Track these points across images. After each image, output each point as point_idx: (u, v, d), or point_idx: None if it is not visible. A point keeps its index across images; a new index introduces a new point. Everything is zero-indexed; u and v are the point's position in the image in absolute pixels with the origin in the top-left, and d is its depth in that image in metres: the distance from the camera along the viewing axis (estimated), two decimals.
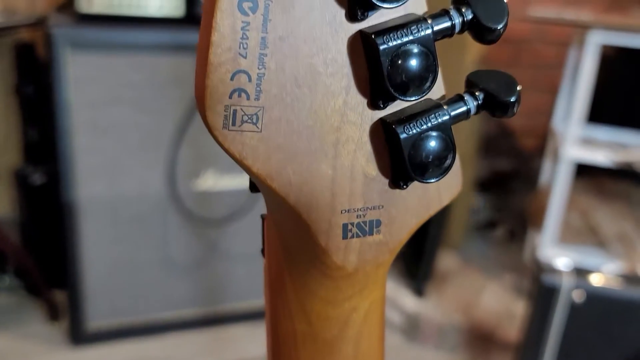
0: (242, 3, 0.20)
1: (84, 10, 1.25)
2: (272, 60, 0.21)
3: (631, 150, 1.51)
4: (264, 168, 0.22)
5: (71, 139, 1.24)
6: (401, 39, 0.21)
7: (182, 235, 1.38)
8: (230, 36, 0.20)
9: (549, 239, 1.54)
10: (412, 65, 0.21)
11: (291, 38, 0.21)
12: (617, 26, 1.42)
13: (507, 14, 0.22)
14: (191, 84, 1.03)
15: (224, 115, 0.21)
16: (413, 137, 0.22)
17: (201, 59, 0.21)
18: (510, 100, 0.23)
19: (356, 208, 0.24)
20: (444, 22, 0.22)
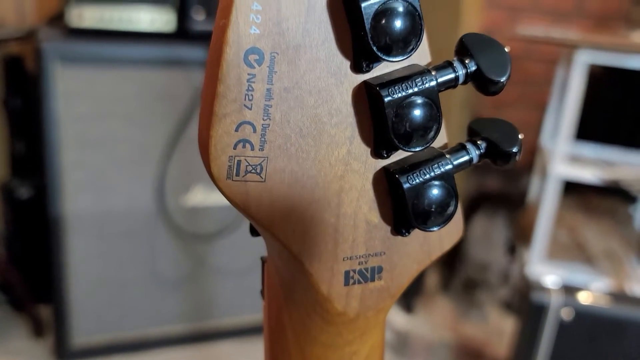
0: (249, 55, 0.20)
1: (75, 25, 1.24)
2: (277, 111, 0.21)
3: (618, 168, 1.53)
4: (267, 217, 0.22)
5: (59, 153, 1.23)
6: (406, 91, 0.21)
7: (170, 250, 1.37)
8: (235, 88, 0.20)
9: (537, 255, 1.55)
10: (416, 117, 0.21)
11: (296, 89, 0.21)
12: (605, 46, 1.44)
13: (510, 66, 0.22)
14: (180, 98, 1.03)
15: (228, 165, 0.21)
16: (416, 187, 0.22)
17: (206, 109, 0.21)
18: (512, 151, 0.23)
19: (358, 255, 0.24)
20: (447, 74, 0.22)
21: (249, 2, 0.20)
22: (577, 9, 1.96)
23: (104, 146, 1.26)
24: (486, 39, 0.23)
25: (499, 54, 0.23)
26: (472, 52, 0.22)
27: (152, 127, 1.29)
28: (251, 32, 0.20)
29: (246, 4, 0.20)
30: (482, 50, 0.22)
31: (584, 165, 1.54)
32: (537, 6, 1.94)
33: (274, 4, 0.20)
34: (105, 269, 1.33)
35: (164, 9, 1.29)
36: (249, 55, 0.20)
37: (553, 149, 1.52)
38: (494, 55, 0.23)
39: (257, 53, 0.20)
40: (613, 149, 1.69)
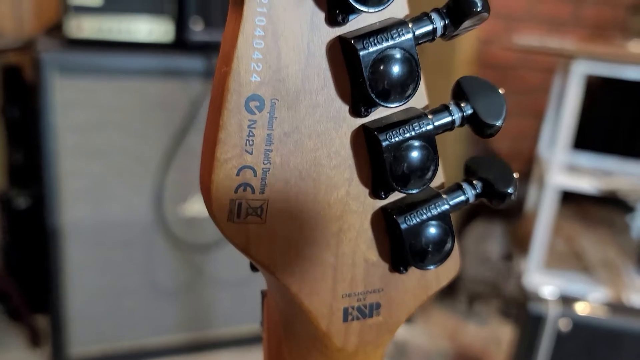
0: (249, 102, 0.20)
1: (73, 35, 1.24)
2: (277, 155, 0.21)
3: (615, 178, 1.53)
4: (267, 257, 0.22)
5: (57, 162, 1.23)
6: (403, 135, 0.21)
7: (168, 260, 1.37)
8: (237, 134, 0.20)
9: (535, 264, 1.55)
10: (413, 160, 0.22)
11: (296, 134, 0.21)
12: (601, 56, 1.45)
13: (506, 109, 0.22)
14: (178, 109, 1.04)
15: (229, 208, 0.21)
16: (413, 227, 0.23)
17: (207, 154, 0.21)
18: (507, 192, 0.23)
19: (357, 292, 0.24)
20: (444, 118, 0.22)
21: (250, 51, 0.20)
22: (573, 18, 1.97)
23: (102, 156, 1.27)
24: (482, 82, 0.23)
25: (494, 98, 0.23)
26: (468, 96, 0.23)
27: (150, 137, 1.29)
28: (252, 80, 0.20)
29: (247, 53, 0.20)
30: (478, 94, 0.23)
31: (582, 175, 1.54)
32: (534, 15, 1.95)
33: (275, 53, 0.20)
34: (103, 279, 1.33)
35: (162, 20, 1.29)
36: (250, 102, 0.20)
37: (550, 159, 1.53)
38: (490, 99, 0.23)
39: (257, 100, 0.20)
40: (610, 158, 1.70)
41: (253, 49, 0.20)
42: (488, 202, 0.24)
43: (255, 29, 0.20)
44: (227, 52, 0.20)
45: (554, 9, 1.95)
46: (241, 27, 0.20)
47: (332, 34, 0.21)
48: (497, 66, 1.94)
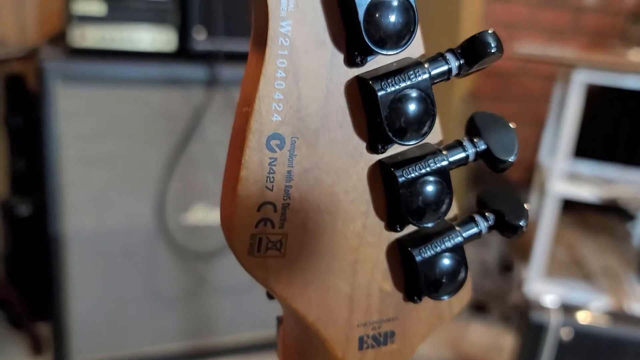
0: (270, 141, 0.21)
1: (76, 45, 1.25)
2: (296, 191, 0.22)
3: (616, 186, 1.54)
4: (286, 289, 0.23)
5: (60, 171, 1.24)
6: (419, 171, 0.22)
7: (170, 268, 1.37)
8: (258, 172, 0.21)
9: (536, 272, 1.56)
10: (428, 195, 0.22)
11: (315, 170, 0.22)
12: (602, 65, 1.45)
13: (517, 145, 0.23)
14: (181, 118, 1.04)
15: (249, 243, 0.21)
16: (428, 259, 0.23)
17: (228, 189, 0.22)
18: (519, 224, 0.24)
19: (372, 321, 0.25)
20: (458, 153, 0.23)
21: (272, 92, 0.20)
22: (573, 26, 1.98)
23: (104, 165, 1.27)
24: (495, 118, 0.24)
25: (506, 134, 0.24)
26: (481, 132, 0.23)
27: (153, 145, 1.30)
28: (273, 120, 0.21)
29: (269, 94, 0.20)
30: (490, 130, 0.23)
31: (582, 183, 1.55)
32: (534, 23, 1.96)
33: (295, 93, 0.21)
34: (105, 287, 1.33)
35: (165, 29, 1.30)
36: (271, 140, 0.21)
37: (551, 167, 1.54)
38: (502, 135, 0.23)
39: (278, 138, 0.21)
40: (611, 166, 1.71)
41: (274, 89, 0.20)
42: (500, 234, 0.25)
43: (277, 71, 0.20)
44: (249, 93, 0.21)
45: (554, 18, 1.96)
46: (263, 69, 0.20)
47: (351, 74, 0.22)
48: (498, 74, 1.94)
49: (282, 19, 0.20)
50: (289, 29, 0.20)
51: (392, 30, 0.20)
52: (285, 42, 0.20)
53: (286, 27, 0.20)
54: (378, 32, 0.20)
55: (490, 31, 0.22)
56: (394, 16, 0.20)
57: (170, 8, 1.30)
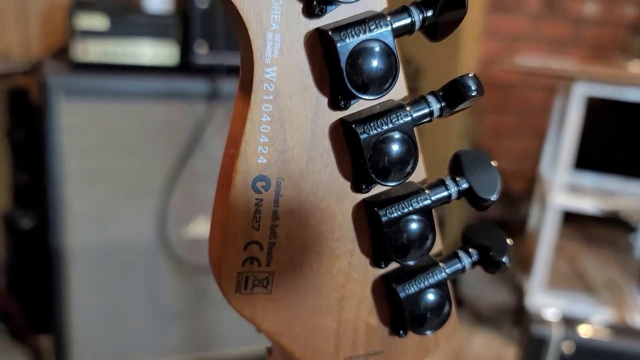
0: (256, 183, 0.21)
1: (80, 59, 1.26)
2: (283, 230, 0.22)
3: (617, 199, 1.54)
4: (273, 326, 0.23)
5: (62, 184, 1.24)
6: (402, 210, 0.22)
7: (171, 281, 1.37)
8: (244, 212, 0.21)
9: (538, 284, 1.56)
10: (412, 233, 0.23)
11: (301, 210, 0.22)
12: (602, 78, 1.46)
13: (500, 185, 0.23)
14: (182, 131, 1.05)
15: (237, 281, 0.22)
16: (412, 295, 0.24)
17: (216, 228, 0.22)
18: (502, 261, 0.24)
19: (358, 355, 0.25)
20: (440, 192, 0.23)
21: (257, 136, 0.21)
22: (574, 38, 1.99)
23: (106, 178, 1.28)
24: (478, 157, 0.24)
25: (489, 174, 0.24)
26: (464, 171, 0.24)
27: (154, 159, 1.30)
28: (259, 162, 0.21)
29: (254, 137, 0.21)
30: (473, 169, 0.24)
31: (584, 195, 1.55)
32: (535, 35, 1.97)
33: (280, 136, 0.21)
34: (106, 300, 1.33)
35: (167, 43, 1.31)
36: (257, 182, 0.21)
37: (552, 180, 1.54)
38: (485, 175, 0.24)
39: (264, 180, 0.21)
40: (612, 178, 1.71)
41: (260, 133, 0.21)
42: (484, 269, 0.25)
43: (262, 115, 0.21)
44: (236, 135, 0.21)
45: (555, 30, 1.97)
46: (249, 114, 0.21)
47: (335, 117, 0.22)
48: (499, 86, 1.95)
49: (267, 66, 0.21)
50: (274, 75, 0.21)
51: (374, 76, 0.21)
52: (270, 88, 0.21)
53: (271, 74, 0.21)
54: (360, 78, 0.20)
55: (471, 75, 0.22)
56: (376, 62, 0.20)
57: (172, 23, 1.31)
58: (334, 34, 0.20)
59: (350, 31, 0.20)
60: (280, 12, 0.20)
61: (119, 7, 1.35)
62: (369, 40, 0.20)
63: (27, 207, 1.50)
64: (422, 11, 0.22)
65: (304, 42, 0.21)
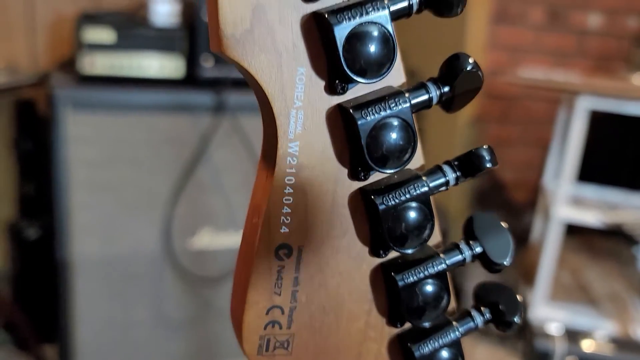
0: (279, 251, 0.22)
1: (86, 72, 1.27)
2: (303, 294, 0.23)
3: (621, 212, 1.54)
4: None
5: (68, 195, 1.25)
6: (418, 275, 0.23)
7: (176, 293, 1.38)
8: (267, 279, 0.22)
9: (540, 296, 1.56)
10: (428, 296, 0.23)
11: (321, 274, 0.23)
12: (606, 92, 1.46)
13: (513, 249, 0.24)
14: (188, 143, 1.05)
15: (259, 344, 0.23)
16: (427, 354, 0.24)
17: (238, 293, 0.23)
18: (514, 320, 0.25)
19: None
20: (455, 256, 0.24)
21: (280, 207, 0.22)
22: (578, 49, 1.99)
23: (112, 190, 1.28)
24: (491, 221, 0.25)
25: (502, 238, 0.25)
26: (477, 235, 0.24)
27: (160, 171, 1.31)
28: (281, 231, 0.22)
29: (277, 208, 0.22)
30: (486, 233, 0.24)
31: (587, 208, 1.55)
32: (539, 47, 1.97)
33: (302, 206, 0.22)
34: (111, 311, 1.34)
35: (173, 56, 1.32)
36: (279, 250, 0.22)
37: (556, 192, 1.54)
38: (498, 239, 0.25)
39: (286, 248, 0.22)
40: (615, 190, 1.71)
41: (283, 204, 0.22)
42: (495, 328, 0.26)
43: (285, 187, 0.22)
44: (258, 204, 0.22)
45: (559, 41, 1.97)
46: (272, 186, 0.21)
47: (354, 186, 0.23)
48: (503, 97, 1.96)
49: (290, 141, 0.21)
50: (296, 150, 0.21)
51: (393, 150, 0.21)
52: (293, 161, 0.21)
53: (294, 148, 0.21)
54: (380, 152, 0.21)
55: (485, 146, 0.23)
56: (395, 137, 0.21)
57: (178, 36, 1.32)
58: (355, 112, 0.21)
59: (371, 109, 0.21)
60: (304, 90, 0.21)
61: (125, 20, 1.36)
62: (388, 117, 0.21)
63: (33, 218, 1.51)
64: (439, 87, 0.22)
65: (326, 117, 0.22)
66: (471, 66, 0.23)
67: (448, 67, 0.23)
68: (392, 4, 0.21)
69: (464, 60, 0.23)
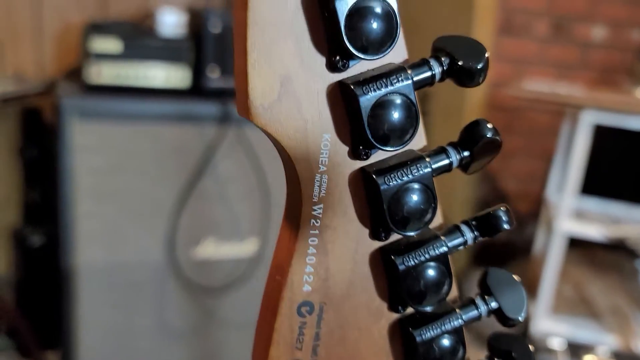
0: (301, 307, 0.22)
1: (93, 82, 1.28)
2: (323, 349, 0.23)
3: (624, 226, 1.55)
4: None
5: (72, 204, 1.26)
6: (436, 330, 0.24)
7: (179, 302, 1.38)
8: (288, 335, 0.23)
9: (543, 310, 1.56)
10: (444, 348, 0.24)
11: (340, 329, 0.23)
12: (610, 106, 1.47)
13: (527, 306, 0.25)
14: (193, 153, 1.06)
15: None
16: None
17: (260, 348, 0.23)
18: None
19: None
20: (471, 311, 0.25)
21: (303, 266, 0.22)
22: (582, 62, 2.00)
23: (116, 199, 1.29)
24: (505, 276, 0.25)
25: (516, 293, 0.25)
26: (492, 291, 0.25)
27: (165, 180, 1.32)
28: (304, 290, 0.22)
29: (300, 268, 0.22)
30: (501, 289, 0.25)
31: (590, 222, 1.56)
32: (543, 59, 1.98)
33: (324, 265, 0.23)
34: (114, 319, 1.34)
35: (179, 67, 1.33)
36: (302, 307, 0.23)
37: (559, 205, 1.54)
38: (512, 294, 0.25)
39: (308, 305, 0.23)
40: (619, 204, 1.71)
41: (305, 264, 0.22)
42: None
43: (309, 248, 0.22)
44: (282, 263, 0.22)
45: (563, 53, 1.98)
46: (296, 246, 0.22)
47: (375, 245, 0.24)
48: (506, 108, 1.96)
49: (314, 204, 0.22)
50: (320, 212, 0.22)
51: (414, 213, 0.22)
52: (316, 223, 0.22)
53: (318, 210, 0.22)
54: (400, 215, 0.22)
55: (503, 208, 0.24)
56: (416, 200, 0.22)
57: (185, 47, 1.32)
58: (377, 177, 0.21)
59: (393, 175, 0.21)
60: (328, 155, 0.21)
61: (132, 30, 1.37)
62: (410, 182, 0.22)
63: (38, 225, 1.51)
64: (459, 152, 0.23)
65: (349, 180, 0.22)
66: (491, 133, 0.23)
67: (468, 132, 0.23)
68: (415, 74, 0.21)
69: (483, 127, 0.23)
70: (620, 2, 1.94)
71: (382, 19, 0.20)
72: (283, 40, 0.20)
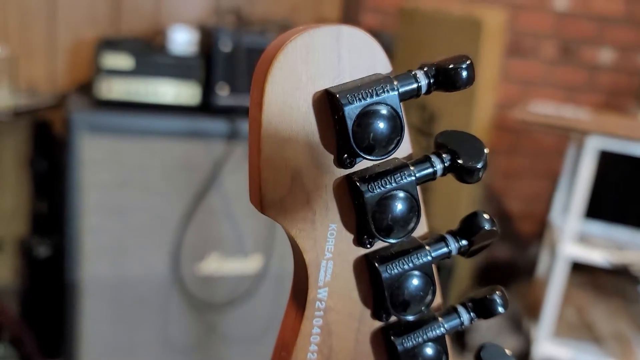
0: None
1: (104, 97, 1.29)
2: None
3: (627, 252, 1.55)
4: None
5: (80, 217, 1.27)
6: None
7: (182, 317, 1.39)
8: None
9: (545, 333, 1.56)
10: None
11: None
12: (615, 132, 1.47)
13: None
14: (200, 169, 1.07)
15: None
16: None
17: None
18: None
19: None
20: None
21: (307, 345, 0.23)
22: (588, 84, 2.00)
23: (123, 213, 1.30)
24: (500, 353, 0.26)
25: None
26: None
27: (171, 196, 1.33)
28: None
29: (304, 346, 0.23)
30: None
31: (594, 247, 1.56)
32: (550, 80, 1.99)
33: (327, 344, 0.23)
34: (117, 333, 1.35)
35: (189, 84, 1.34)
36: None
37: (563, 229, 1.55)
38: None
39: None
40: (623, 229, 1.71)
41: (310, 343, 0.23)
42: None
43: (313, 328, 0.23)
44: (287, 340, 0.23)
45: (570, 75, 1.99)
46: (301, 327, 0.23)
47: (376, 325, 0.24)
48: (512, 130, 1.97)
49: (319, 287, 0.23)
50: (325, 295, 0.23)
51: (413, 297, 0.23)
52: (321, 305, 0.23)
53: (323, 293, 0.23)
54: (401, 298, 0.23)
55: (498, 292, 0.25)
56: (416, 286, 0.23)
57: (195, 64, 1.34)
58: (380, 266, 0.22)
59: (395, 263, 0.22)
60: (334, 243, 0.22)
61: (143, 47, 1.38)
62: (410, 269, 0.23)
63: (44, 236, 1.52)
64: (458, 240, 0.24)
65: (353, 266, 0.23)
66: (489, 225, 0.24)
67: (467, 223, 0.24)
68: (418, 171, 0.22)
69: (481, 219, 0.24)
70: (628, 25, 1.95)
71: (389, 123, 0.21)
72: (295, 139, 0.21)
